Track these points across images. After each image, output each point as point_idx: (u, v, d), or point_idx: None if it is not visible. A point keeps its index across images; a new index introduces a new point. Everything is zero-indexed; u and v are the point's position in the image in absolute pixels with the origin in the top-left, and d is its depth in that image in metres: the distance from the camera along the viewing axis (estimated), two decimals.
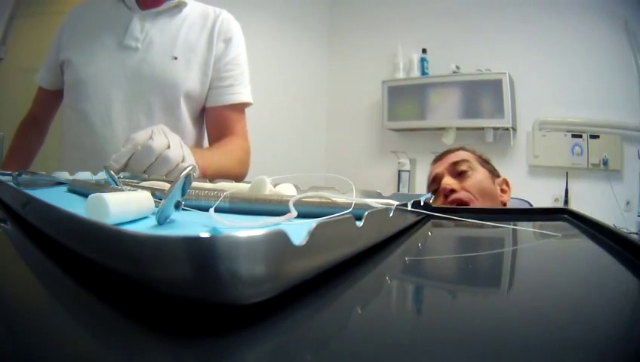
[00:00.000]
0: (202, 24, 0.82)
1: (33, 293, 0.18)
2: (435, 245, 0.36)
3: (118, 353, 0.13)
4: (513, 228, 0.46)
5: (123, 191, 0.31)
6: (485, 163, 0.94)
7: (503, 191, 0.92)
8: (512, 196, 0.97)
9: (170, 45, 0.79)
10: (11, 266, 0.23)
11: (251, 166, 0.87)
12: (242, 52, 0.87)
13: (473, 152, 0.97)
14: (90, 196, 0.24)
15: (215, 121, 0.85)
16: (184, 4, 0.82)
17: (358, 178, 0.45)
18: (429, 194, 0.46)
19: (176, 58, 0.78)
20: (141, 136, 0.53)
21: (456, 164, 0.91)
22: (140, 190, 0.30)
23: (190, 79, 0.80)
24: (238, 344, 0.13)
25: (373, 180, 2.36)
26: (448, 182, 0.87)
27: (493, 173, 0.93)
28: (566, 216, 0.46)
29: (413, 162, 2.37)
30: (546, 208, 0.49)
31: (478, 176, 0.89)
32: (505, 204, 0.91)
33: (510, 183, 0.95)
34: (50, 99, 0.92)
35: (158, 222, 0.24)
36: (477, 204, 0.85)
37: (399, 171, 2.35)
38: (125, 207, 0.24)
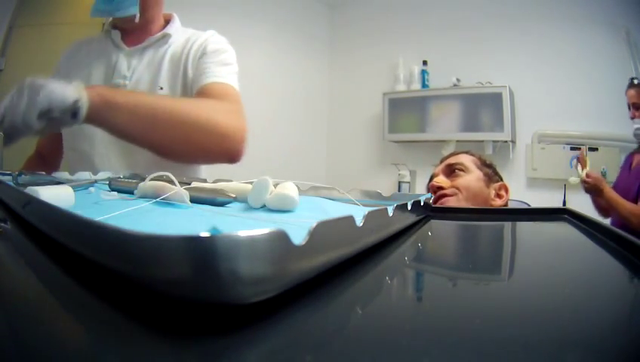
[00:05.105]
0: (182, 50, 0.82)
1: (33, 293, 0.18)
2: (434, 245, 0.36)
3: (118, 353, 0.13)
4: (513, 228, 0.46)
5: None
6: (485, 166, 0.96)
7: (498, 196, 0.93)
8: (511, 199, 0.98)
9: (156, 77, 0.80)
10: (11, 266, 0.23)
11: (251, 173, 0.83)
12: (220, 52, 0.82)
13: (479, 157, 0.99)
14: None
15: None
16: (169, 36, 0.83)
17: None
18: (429, 194, 0.46)
19: (162, 88, 0.79)
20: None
21: (451, 165, 0.94)
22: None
23: None
24: (238, 344, 0.13)
25: None
26: (438, 180, 0.91)
27: (490, 177, 0.94)
28: (566, 216, 0.46)
29: (413, 174, 2.38)
30: (546, 208, 0.49)
31: (469, 176, 0.91)
32: None
33: (509, 189, 0.95)
34: (54, 138, 0.91)
35: None
36: (461, 198, 0.87)
37: (399, 182, 2.36)
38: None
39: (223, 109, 0.70)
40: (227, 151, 0.70)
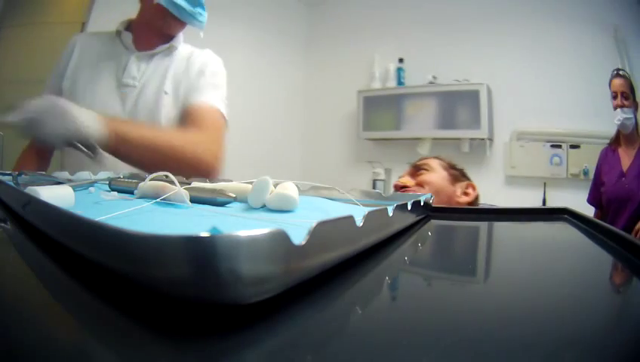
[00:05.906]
0: (186, 62, 0.90)
1: (33, 293, 0.18)
2: (435, 245, 0.36)
3: (119, 353, 0.13)
4: (514, 228, 0.46)
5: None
6: (451, 169, 0.99)
7: (465, 193, 0.96)
8: (486, 203, 1.00)
9: (162, 82, 0.87)
10: (11, 266, 0.23)
11: (230, 170, 0.87)
12: (216, 74, 0.91)
13: (448, 162, 1.01)
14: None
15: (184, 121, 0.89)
16: (175, 48, 0.91)
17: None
18: (429, 194, 0.47)
19: (166, 93, 0.87)
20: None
21: (417, 166, 0.99)
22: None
23: (177, 108, 0.88)
24: (238, 344, 0.13)
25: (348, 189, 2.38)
26: (402, 180, 0.96)
27: (457, 178, 0.97)
28: (566, 216, 0.46)
29: (388, 171, 2.36)
30: (545, 208, 0.49)
31: (433, 174, 0.95)
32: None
33: (477, 188, 0.97)
34: None
35: None
36: (423, 192, 0.90)
37: (374, 180, 2.34)
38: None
39: (204, 141, 0.82)
40: (205, 175, 0.82)
